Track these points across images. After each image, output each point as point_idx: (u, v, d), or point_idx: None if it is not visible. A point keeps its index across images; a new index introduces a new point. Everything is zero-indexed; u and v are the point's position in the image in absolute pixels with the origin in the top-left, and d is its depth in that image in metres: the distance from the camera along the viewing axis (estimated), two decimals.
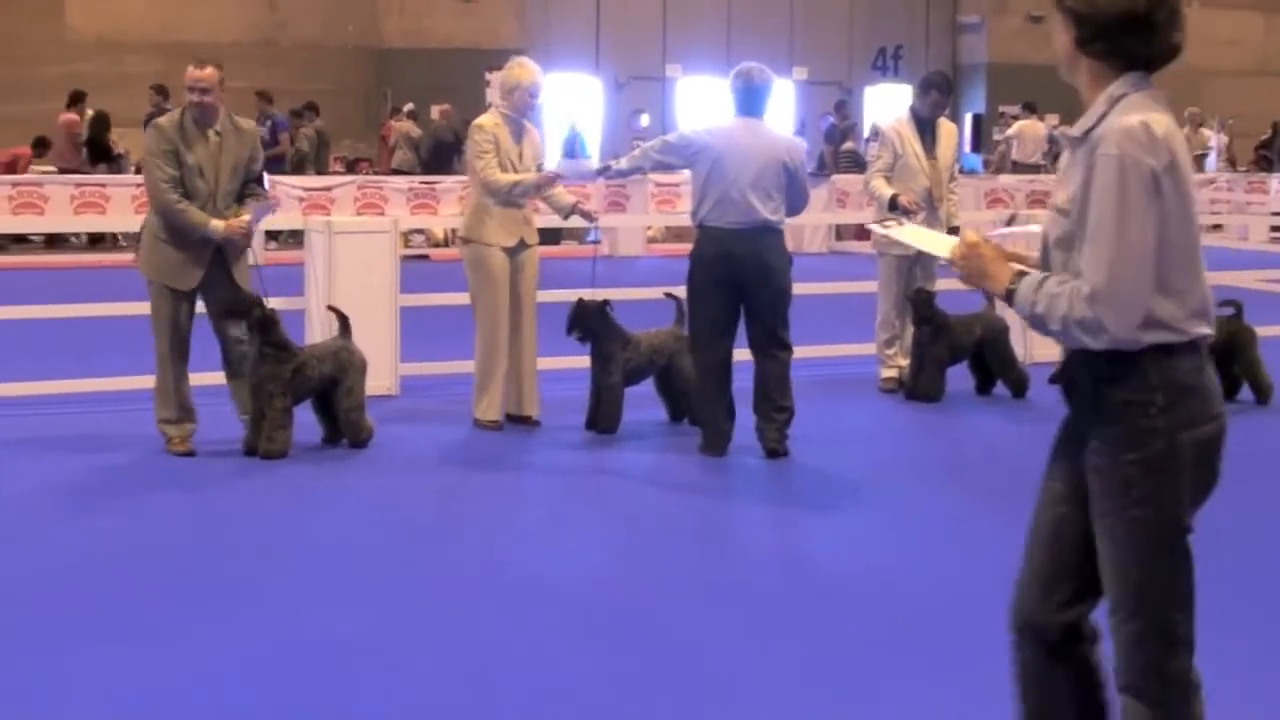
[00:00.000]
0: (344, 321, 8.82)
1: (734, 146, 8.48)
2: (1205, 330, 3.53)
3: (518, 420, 9.35)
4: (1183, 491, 3.53)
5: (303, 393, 8.49)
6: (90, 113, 22.98)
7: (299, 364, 8.41)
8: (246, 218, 8.40)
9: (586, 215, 9.49)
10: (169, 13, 26.45)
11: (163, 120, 8.54)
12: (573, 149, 26.83)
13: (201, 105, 8.41)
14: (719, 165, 8.45)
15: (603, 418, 9.11)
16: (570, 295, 9.30)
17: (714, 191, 8.47)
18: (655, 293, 10.24)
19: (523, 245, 9.21)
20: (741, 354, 8.65)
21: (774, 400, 8.59)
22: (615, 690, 5.11)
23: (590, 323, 9.03)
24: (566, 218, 9.54)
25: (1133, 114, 3.48)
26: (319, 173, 22.90)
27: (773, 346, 8.59)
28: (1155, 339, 3.46)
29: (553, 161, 10.87)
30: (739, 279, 8.45)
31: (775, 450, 8.54)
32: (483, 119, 9.34)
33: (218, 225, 8.31)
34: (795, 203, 8.68)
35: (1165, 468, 3.50)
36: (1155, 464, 3.49)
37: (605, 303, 9.10)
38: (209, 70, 8.42)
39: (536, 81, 9.19)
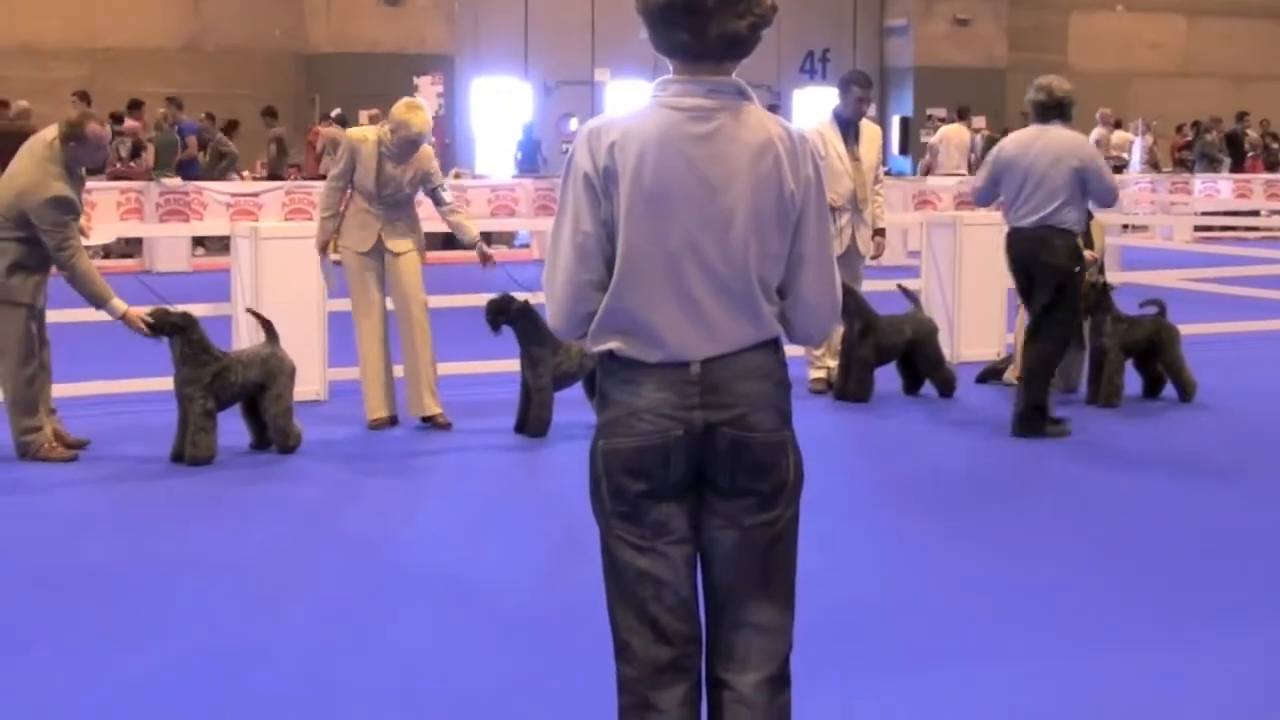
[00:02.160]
0: (268, 327, 8.76)
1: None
2: (618, 347, 3.46)
3: (427, 421, 9.35)
4: (603, 496, 3.51)
5: (226, 397, 8.42)
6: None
7: (221, 368, 8.34)
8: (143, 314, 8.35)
9: (484, 256, 9.51)
10: (93, 19, 26.23)
11: (64, 187, 8.25)
12: (532, 155, 26.77)
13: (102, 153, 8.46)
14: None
15: (532, 421, 9.10)
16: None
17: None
18: None
19: (384, 249, 9.24)
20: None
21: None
22: (543, 697, 5.11)
23: (512, 320, 9.03)
24: (470, 249, 9.57)
25: (609, 115, 3.51)
26: (276, 177, 22.70)
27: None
28: (598, 347, 3.50)
29: (489, 166, 10.85)
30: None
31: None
32: (357, 131, 9.46)
33: (119, 306, 8.30)
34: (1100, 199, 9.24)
35: (590, 471, 3.53)
36: (590, 465, 3.54)
37: (526, 304, 9.09)
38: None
39: (422, 132, 9.18)
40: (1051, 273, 9.10)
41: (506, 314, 9.06)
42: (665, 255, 3.41)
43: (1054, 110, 9.21)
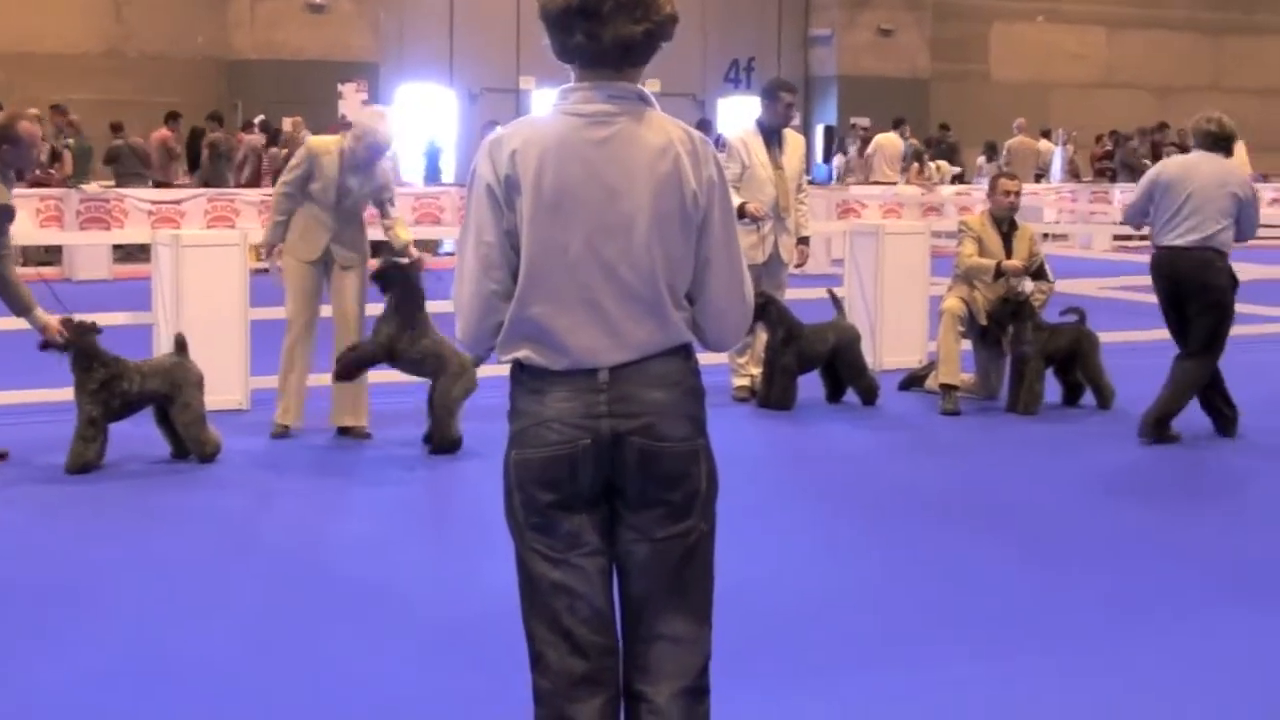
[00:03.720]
0: (178, 340, 8.66)
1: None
2: (526, 355, 3.46)
3: (346, 431, 9.34)
4: (515, 508, 3.51)
5: (120, 405, 8.32)
6: None
7: (110, 375, 8.23)
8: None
9: (413, 259, 9.38)
10: (13, 23, 25.92)
11: (5, 193, 8.17)
12: (434, 164, 26.81)
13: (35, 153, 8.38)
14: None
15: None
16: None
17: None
18: None
19: (331, 260, 9.23)
20: None
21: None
22: (462, 707, 5.10)
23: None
24: (399, 257, 9.49)
25: (513, 124, 3.52)
26: (210, 185, 22.37)
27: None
28: (506, 356, 3.50)
29: (413, 174, 10.86)
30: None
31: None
32: (319, 141, 9.39)
33: (41, 317, 8.21)
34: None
35: (504, 482, 3.53)
36: (503, 476, 3.53)
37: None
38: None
39: (387, 142, 9.23)
40: (1213, 292, 9.35)
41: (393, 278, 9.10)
42: (568, 262, 3.41)
43: (1223, 142, 9.57)
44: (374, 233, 9.63)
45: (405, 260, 9.11)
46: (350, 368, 9.02)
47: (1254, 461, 9.15)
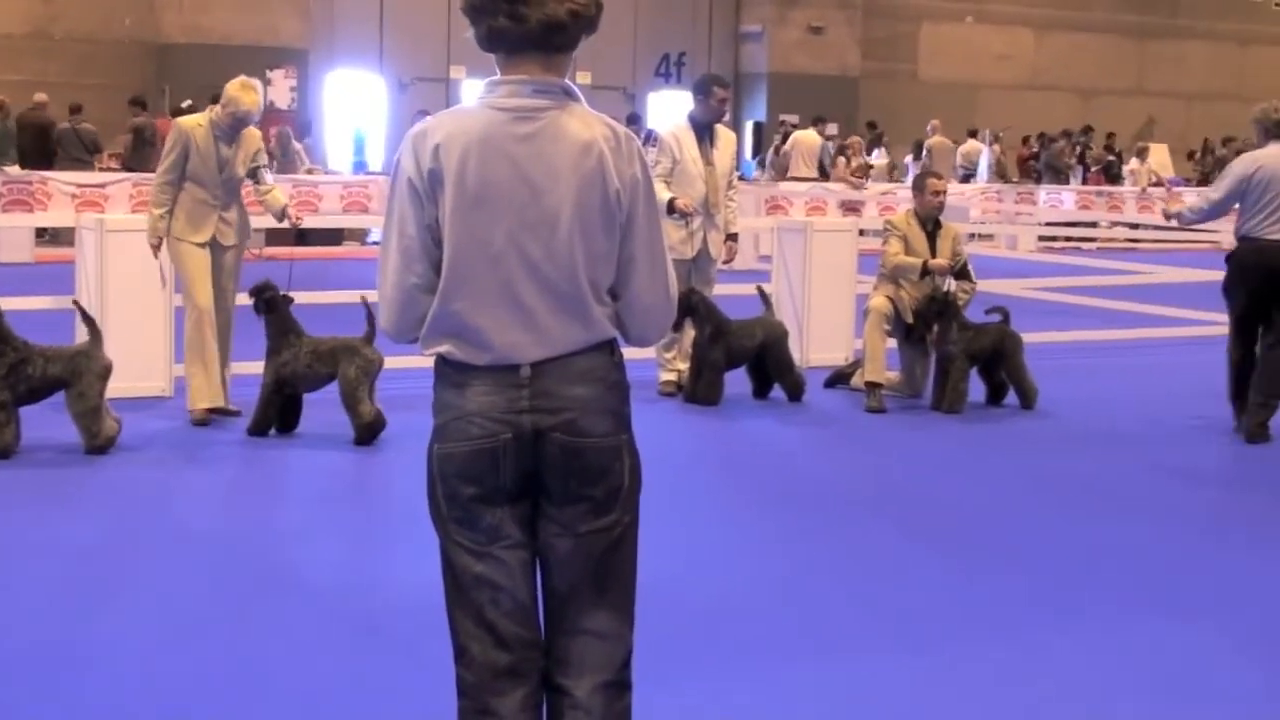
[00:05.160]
0: (91, 325, 8.55)
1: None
2: (448, 350, 3.45)
3: (217, 411, 9.39)
4: (439, 501, 3.51)
5: (24, 390, 8.25)
6: None
7: (19, 359, 8.17)
8: None
9: (292, 218, 9.58)
10: None
11: None
12: (361, 152, 26.74)
13: None
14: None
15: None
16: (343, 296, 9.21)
17: None
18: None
19: (217, 244, 9.31)
20: None
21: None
22: (383, 697, 5.09)
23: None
24: (280, 221, 9.62)
25: (436, 117, 3.52)
26: (135, 169, 22.05)
27: None
28: (430, 350, 3.51)
29: (342, 162, 10.81)
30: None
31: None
32: (187, 120, 9.48)
33: None
34: None
35: (427, 474, 3.54)
36: (427, 468, 3.54)
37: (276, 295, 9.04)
38: None
39: (251, 111, 9.25)
40: None
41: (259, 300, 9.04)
42: (490, 257, 3.40)
43: None
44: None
45: (280, 291, 9.03)
46: (260, 427, 9.01)
47: (1177, 460, 9.27)
